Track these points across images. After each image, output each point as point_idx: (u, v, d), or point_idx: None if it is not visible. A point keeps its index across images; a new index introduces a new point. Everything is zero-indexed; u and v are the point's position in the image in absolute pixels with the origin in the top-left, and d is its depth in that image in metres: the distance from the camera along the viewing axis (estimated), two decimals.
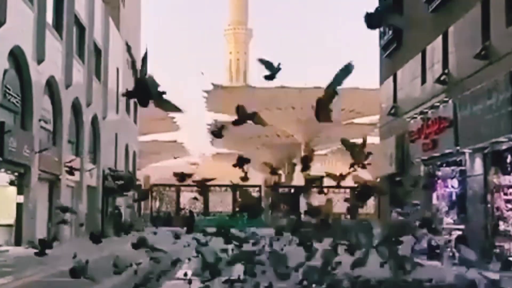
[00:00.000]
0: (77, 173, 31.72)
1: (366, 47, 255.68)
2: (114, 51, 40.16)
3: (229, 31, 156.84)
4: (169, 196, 63.34)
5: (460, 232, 16.98)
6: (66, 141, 29.08)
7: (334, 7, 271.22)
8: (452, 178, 19.26)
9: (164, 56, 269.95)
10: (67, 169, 26.22)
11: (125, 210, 47.54)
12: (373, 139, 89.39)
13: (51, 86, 26.89)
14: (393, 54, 23.73)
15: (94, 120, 35.61)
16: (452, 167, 18.95)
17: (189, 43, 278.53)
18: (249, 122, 5.92)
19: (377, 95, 63.60)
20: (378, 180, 26.95)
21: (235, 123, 6.02)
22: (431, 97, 18.87)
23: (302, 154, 73.39)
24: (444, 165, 19.14)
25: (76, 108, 31.58)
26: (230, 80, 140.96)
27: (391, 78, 24.00)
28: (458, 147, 16.50)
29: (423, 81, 20.18)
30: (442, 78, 18.16)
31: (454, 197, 18.77)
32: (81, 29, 32.00)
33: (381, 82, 25.55)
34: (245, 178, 7.05)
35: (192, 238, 6.80)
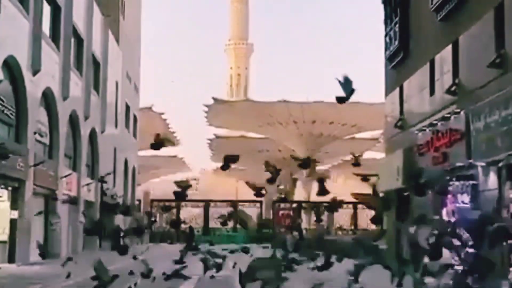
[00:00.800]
0: (74, 188, 30.99)
1: (368, 61, 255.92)
2: (113, 64, 39.55)
3: (230, 46, 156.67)
4: (169, 212, 62.54)
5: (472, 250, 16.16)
6: (62, 155, 28.33)
7: (336, 21, 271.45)
8: (462, 193, 18.48)
9: (164, 70, 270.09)
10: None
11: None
12: (375, 154, 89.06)
13: (47, 98, 26.20)
14: (399, 65, 23.03)
15: (92, 134, 34.89)
16: (463, 182, 18.16)
17: (189, 57, 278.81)
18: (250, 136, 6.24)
19: (379, 109, 63.11)
20: (382, 195, 26.15)
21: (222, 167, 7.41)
22: (440, 109, 18.13)
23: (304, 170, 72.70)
24: (454, 179, 18.35)
25: (73, 121, 30.87)
26: (230, 95, 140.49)
27: (397, 90, 23.28)
28: (470, 160, 15.72)
29: (432, 92, 19.46)
30: (452, 89, 17.43)
31: (465, 214, 17.96)
32: (79, 40, 31.37)
33: (387, 94, 24.84)
34: (271, 180, 7.29)
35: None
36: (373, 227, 62.62)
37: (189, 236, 29.99)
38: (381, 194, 16.42)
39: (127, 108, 46.60)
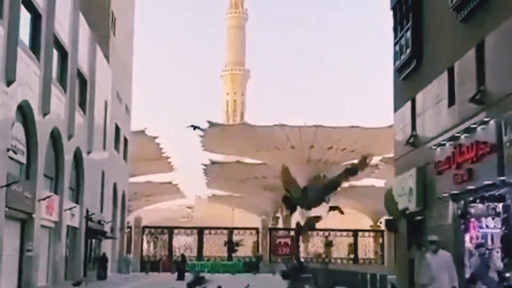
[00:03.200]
0: (55, 213, 28.61)
1: (367, 85, 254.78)
2: (102, 82, 37.44)
3: (226, 72, 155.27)
4: (162, 239, 60.06)
5: (506, 284, 13.83)
6: (42, 176, 25.99)
7: (333, 46, 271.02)
8: (487, 217, 16.21)
9: (158, 94, 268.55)
10: None
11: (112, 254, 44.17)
12: (373, 181, 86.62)
13: (24, 112, 23.95)
14: (411, 75, 20.89)
15: (77, 154, 32.61)
16: (489, 203, 15.90)
17: (185, 82, 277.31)
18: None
19: (379, 134, 61.26)
20: (392, 220, 23.84)
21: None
22: (463, 120, 15.92)
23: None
24: (478, 201, 16.11)
25: (55, 140, 28.61)
26: (227, 122, 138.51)
27: (408, 104, 21.12)
28: (503, 178, 13.46)
29: (451, 102, 17.28)
30: (477, 97, 15.25)
31: (492, 240, 15.69)
32: (63, 53, 29.26)
33: (396, 110, 22.67)
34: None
35: None
36: (371, 255, 60.42)
37: (181, 264, 27.15)
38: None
39: (117, 129, 44.39)
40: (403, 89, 21.79)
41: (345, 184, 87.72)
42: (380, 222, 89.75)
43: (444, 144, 16.74)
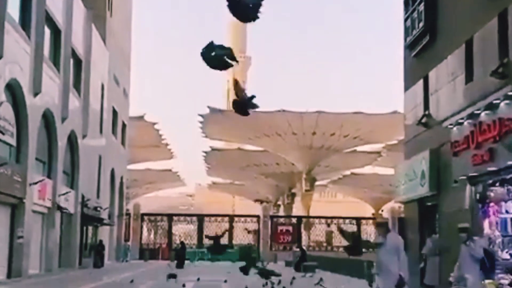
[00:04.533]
0: (48, 198, 27.43)
1: (370, 70, 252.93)
2: (98, 64, 36.14)
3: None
4: (161, 227, 58.97)
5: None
6: (33, 159, 24.79)
7: (335, 30, 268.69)
8: (507, 201, 15.01)
9: (158, 79, 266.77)
10: None
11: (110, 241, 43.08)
12: (375, 169, 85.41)
13: (13, 90, 22.71)
14: (423, 51, 19.60)
15: (72, 138, 31.40)
16: (510, 186, 14.71)
17: (185, 69, 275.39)
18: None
19: (383, 120, 59.95)
20: (403, 207, 22.66)
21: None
22: (483, 96, 14.67)
23: (303, 183, 69.06)
24: (498, 184, 14.91)
25: (48, 122, 27.40)
26: (228, 109, 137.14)
27: (420, 82, 19.85)
28: None
29: (469, 78, 16.03)
30: (499, 70, 14.00)
31: None
32: (55, 31, 27.97)
33: (406, 89, 21.38)
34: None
35: None
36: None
37: (181, 252, 25.45)
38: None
39: (115, 114, 43.14)
40: (415, 67, 20.51)
41: (347, 172, 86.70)
42: (382, 210, 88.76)
43: (462, 123, 15.49)
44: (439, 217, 18.33)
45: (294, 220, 58.07)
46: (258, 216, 55.51)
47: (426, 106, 19.23)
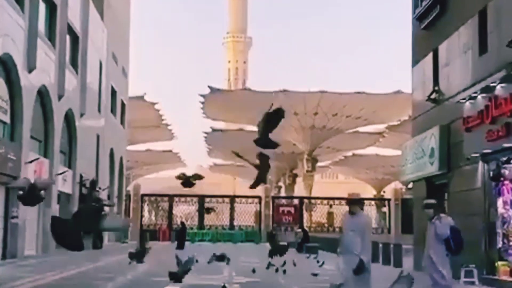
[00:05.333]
0: (45, 177, 26.68)
1: (373, 50, 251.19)
2: (96, 40, 35.26)
3: (228, 39, 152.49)
4: (162, 208, 58.37)
5: None
6: (28, 137, 24.02)
7: (336, 10, 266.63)
8: None
9: (158, 59, 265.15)
10: None
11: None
12: (377, 150, 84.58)
13: (6, 66, 21.90)
14: (433, 24, 18.77)
15: (69, 116, 30.61)
16: None
17: (185, 49, 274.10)
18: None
19: (386, 100, 59.09)
20: (411, 186, 21.94)
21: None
22: (499, 68, 13.89)
23: (305, 164, 68.37)
24: None
25: (43, 99, 26.61)
26: (228, 89, 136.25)
27: (429, 56, 19.03)
28: None
29: (483, 50, 15.22)
30: None
31: None
32: (50, 5, 27.08)
33: (414, 64, 20.57)
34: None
35: None
36: (374, 225, 58.58)
37: (181, 233, 24.28)
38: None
39: (113, 92, 42.30)
40: (424, 40, 19.69)
41: (349, 153, 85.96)
42: (384, 191, 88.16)
43: (475, 97, 14.72)
44: (448, 197, 17.62)
45: (295, 201, 57.45)
46: (259, 197, 54.88)
47: (436, 81, 18.44)
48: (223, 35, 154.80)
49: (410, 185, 67.65)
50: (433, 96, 18.35)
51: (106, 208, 37.83)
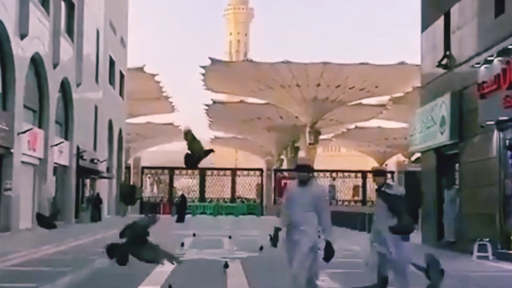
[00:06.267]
0: (40, 148, 25.94)
1: (377, 20, 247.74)
2: (92, 8, 34.19)
3: (229, 11, 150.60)
4: (163, 181, 57.75)
5: None
6: (21, 106, 23.15)
7: None
8: None
9: (157, 30, 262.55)
10: None
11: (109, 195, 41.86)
12: (380, 123, 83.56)
13: None
14: None
15: (65, 85, 29.70)
16: None
17: (186, 21, 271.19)
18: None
19: (390, 71, 58.01)
20: (414, 158, 21.10)
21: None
22: None
23: (307, 136, 67.49)
24: None
25: (37, 67, 25.68)
26: (230, 60, 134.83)
27: (440, 20, 18.06)
28: None
29: (499, 10, 14.28)
30: None
31: None
32: None
33: (424, 28, 19.60)
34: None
35: None
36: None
37: (181, 206, 22.94)
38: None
39: (112, 63, 41.31)
40: (434, 3, 18.71)
41: (352, 125, 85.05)
42: (386, 164, 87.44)
43: (491, 61, 13.80)
44: (460, 168, 16.80)
45: None
46: (261, 170, 54.20)
47: (447, 45, 17.49)
48: (225, 7, 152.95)
49: (414, 158, 66.98)
50: (444, 62, 17.42)
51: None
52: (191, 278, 10.14)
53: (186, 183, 59.47)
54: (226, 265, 11.06)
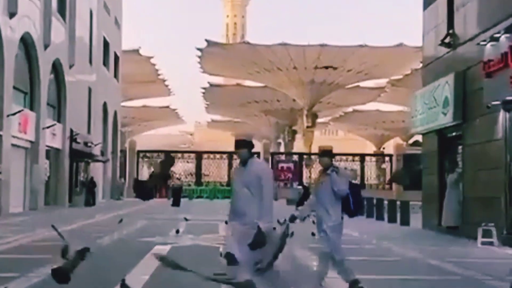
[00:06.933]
0: (31, 130, 25.34)
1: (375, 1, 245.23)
2: None
3: None
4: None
5: None
6: (11, 88, 22.54)
7: None
8: None
9: (153, 12, 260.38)
10: None
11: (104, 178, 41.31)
12: (378, 106, 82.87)
13: None
14: None
15: (58, 67, 29.04)
16: None
17: (184, 3, 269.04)
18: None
19: (388, 53, 57.28)
20: (422, 138, 20.56)
21: None
22: None
23: (305, 119, 66.88)
24: None
25: (27, 48, 25.00)
26: (226, 42, 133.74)
27: None
28: None
29: None
30: None
31: None
32: None
33: (426, 5, 18.93)
34: None
35: None
36: (373, 181, 57.35)
37: (177, 190, 22.05)
38: None
39: (106, 44, 40.56)
40: None
41: (349, 109, 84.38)
42: (383, 148, 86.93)
43: (498, 38, 13.18)
44: (463, 150, 16.23)
45: (295, 157, 56.25)
46: (258, 153, 53.63)
47: (451, 23, 16.83)
48: None
49: (411, 141, 66.33)
50: (447, 40, 16.78)
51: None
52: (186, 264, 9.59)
53: (183, 167, 58.95)
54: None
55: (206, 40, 58.44)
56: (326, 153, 7.40)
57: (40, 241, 13.60)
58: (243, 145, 6.04)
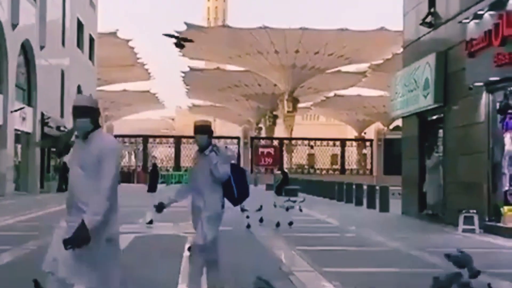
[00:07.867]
0: None
1: None
2: None
3: None
4: (139, 150, 56.24)
5: None
6: None
7: None
8: None
9: None
10: None
11: None
12: (360, 90, 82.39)
13: None
14: None
15: (27, 48, 27.98)
16: None
17: None
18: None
19: (370, 38, 56.66)
20: (402, 121, 19.92)
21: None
22: None
23: (286, 104, 66.22)
24: None
25: None
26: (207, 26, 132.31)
27: None
28: None
29: None
30: None
31: None
32: None
33: None
34: None
35: None
36: (354, 166, 56.94)
37: (153, 175, 21.03)
38: None
39: (80, 25, 39.38)
40: None
41: (331, 94, 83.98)
42: (365, 133, 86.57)
43: (482, 15, 12.50)
44: (444, 134, 15.60)
45: (275, 142, 55.58)
46: (238, 138, 52.92)
47: (432, 1, 16.14)
48: None
49: (392, 126, 65.84)
50: (428, 20, 16.09)
51: None
52: (146, 256, 8.88)
53: (164, 152, 58.09)
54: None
55: (185, 23, 57.40)
56: (203, 130, 6.05)
57: (10, 225, 12.88)
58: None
